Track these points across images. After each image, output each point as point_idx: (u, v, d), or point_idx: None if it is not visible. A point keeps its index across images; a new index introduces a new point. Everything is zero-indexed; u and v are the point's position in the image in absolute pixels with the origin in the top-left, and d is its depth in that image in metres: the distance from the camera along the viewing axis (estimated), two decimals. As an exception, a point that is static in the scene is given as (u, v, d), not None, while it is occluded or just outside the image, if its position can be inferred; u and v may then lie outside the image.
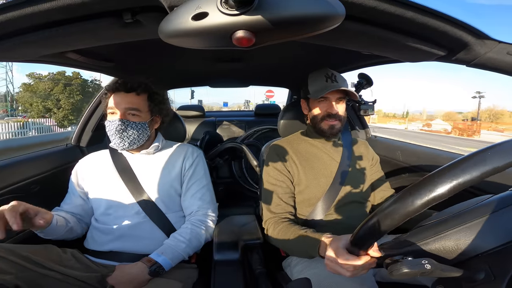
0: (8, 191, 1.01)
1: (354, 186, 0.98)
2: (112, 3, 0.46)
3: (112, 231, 0.93)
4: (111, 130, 0.93)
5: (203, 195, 1.03)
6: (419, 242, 0.49)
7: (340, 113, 0.99)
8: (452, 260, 0.48)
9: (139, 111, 0.96)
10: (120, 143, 0.94)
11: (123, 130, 0.93)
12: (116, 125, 0.91)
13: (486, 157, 0.36)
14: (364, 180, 1.01)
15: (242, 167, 2.00)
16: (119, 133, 0.92)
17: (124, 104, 0.93)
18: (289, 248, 0.89)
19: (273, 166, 1.00)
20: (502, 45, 0.53)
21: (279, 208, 0.96)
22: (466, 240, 0.46)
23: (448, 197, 0.37)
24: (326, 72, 1.00)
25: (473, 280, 0.45)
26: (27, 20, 0.47)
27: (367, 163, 1.05)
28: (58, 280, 0.75)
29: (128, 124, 0.93)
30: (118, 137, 0.93)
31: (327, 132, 0.99)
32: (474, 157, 0.37)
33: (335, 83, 0.96)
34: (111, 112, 0.95)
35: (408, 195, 0.40)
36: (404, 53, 0.64)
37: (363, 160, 1.05)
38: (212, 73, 1.70)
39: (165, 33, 0.40)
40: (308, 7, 0.34)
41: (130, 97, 0.95)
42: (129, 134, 0.94)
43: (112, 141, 0.95)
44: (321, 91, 0.95)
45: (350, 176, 0.99)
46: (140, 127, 0.96)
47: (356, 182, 0.99)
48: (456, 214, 0.50)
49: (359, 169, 1.02)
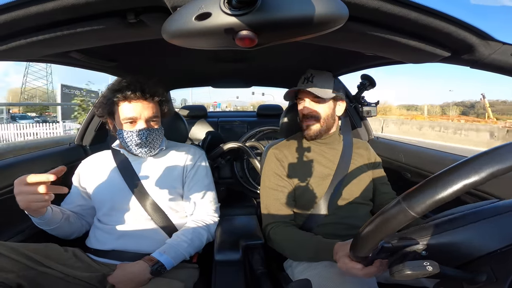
0: (10, 190, 1.02)
1: (353, 187, 0.98)
2: (115, 3, 0.46)
3: (115, 231, 0.93)
4: (133, 139, 0.92)
5: (205, 195, 1.03)
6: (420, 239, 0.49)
7: (318, 113, 0.98)
8: (454, 262, 0.47)
9: (158, 117, 0.98)
10: (144, 150, 0.96)
11: (152, 139, 0.95)
12: (143, 134, 0.92)
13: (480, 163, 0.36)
14: (364, 181, 1.00)
15: (244, 168, 2.00)
16: (145, 141, 0.93)
17: (147, 113, 0.93)
18: (292, 252, 0.89)
19: (272, 171, 1.00)
20: (507, 46, 0.52)
21: (280, 213, 0.96)
22: (468, 241, 0.46)
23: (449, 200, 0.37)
24: (306, 73, 1.02)
25: (475, 282, 0.45)
26: (31, 20, 0.47)
27: (367, 164, 1.04)
28: (60, 278, 0.75)
29: (153, 131, 0.95)
30: (144, 145, 0.94)
31: (307, 134, 1.00)
32: (473, 161, 0.37)
33: (309, 84, 0.98)
34: (129, 122, 0.92)
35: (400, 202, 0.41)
36: (408, 54, 0.64)
37: (363, 161, 1.04)
38: (214, 73, 1.70)
39: (168, 33, 0.40)
40: (311, 8, 0.34)
41: (150, 105, 0.95)
42: (154, 140, 0.96)
43: (132, 149, 0.95)
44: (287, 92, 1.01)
45: (349, 177, 0.98)
46: (161, 133, 0.99)
47: (356, 183, 0.98)
48: (459, 215, 0.50)
49: (359, 170, 1.01)
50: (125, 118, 0.92)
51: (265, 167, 1.05)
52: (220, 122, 2.41)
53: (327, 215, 0.93)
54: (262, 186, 1.03)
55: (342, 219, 0.94)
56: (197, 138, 2.31)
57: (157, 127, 0.97)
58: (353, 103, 1.54)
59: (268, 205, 0.98)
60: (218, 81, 2.11)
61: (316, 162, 1.00)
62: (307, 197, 0.96)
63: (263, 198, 1.01)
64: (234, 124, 2.42)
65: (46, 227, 0.87)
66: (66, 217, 0.93)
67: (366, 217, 0.96)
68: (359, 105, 1.51)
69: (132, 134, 0.92)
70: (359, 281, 0.69)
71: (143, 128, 0.92)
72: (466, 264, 0.47)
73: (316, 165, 0.99)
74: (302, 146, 1.04)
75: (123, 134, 0.93)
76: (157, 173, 1.00)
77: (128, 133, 0.92)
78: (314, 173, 0.98)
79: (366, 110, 1.57)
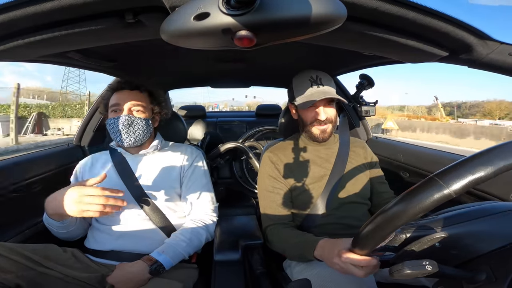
0: (9, 190, 1.01)
1: (350, 186, 0.98)
2: (114, 3, 0.46)
3: (113, 231, 0.93)
4: (116, 126, 0.94)
5: (203, 195, 1.03)
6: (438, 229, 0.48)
7: (330, 116, 0.97)
8: (454, 261, 0.48)
9: (144, 107, 0.98)
10: (126, 139, 0.95)
11: (129, 125, 0.94)
12: (123, 120, 0.93)
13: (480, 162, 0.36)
14: (361, 180, 1.00)
15: (243, 168, 2.00)
16: (126, 128, 0.94)
17: (129, 100, 0.96)
18: (288, 253, 0.89)
19: (267, 174, 1.01)
20: (504, 46, 0.52)
21: (277, 215, 0.96)
22: (467, 239, 0.46)
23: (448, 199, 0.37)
24: (310, 75, 0.97)
25: (474, 281, 0.45)
26: (29, 20, 0.47)
27: (364, 164, 1.04)
28: (59, 279, 0.75)
29: (134, 119, 0.95)
30: (125, 133, 0.94)
31: (319, 137, 0.98)
32: (470, 162, 0.37)
33: (321, 87, 0.94)
34: (114, 110, 0.96)
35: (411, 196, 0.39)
36: (406, 54, 0.64)
37: (360, 160, 1.04)
38: (213, 73, 1.70)
39: (167, 33, 0.40)
40: (310, 8, 0.34)
41: (135, 94, 0.99)
42: (135, 129, 0.95)
43: (117, 138, 0.96)
44: (308, 101, 0.92)
45: (346, 177, 0.98)
46: (145, 123, 0.98)
47: (353, 183, 0.99)
48: (459, 212, 0.50)
49: (356, 169, 1.01)
50: (110, 106, 0.97)
51: (260, 170, 1.05)
52: (219, 122, 2.41)
53: (324, 215, 0.93)
54: (259, 188, 1.04)
55: (340, 219, 0.94)
56: (196, 138, 2.30)
57: (141, 117, 0.97)
58: (352, 103, 1.54)
59: (266, 207, 0.98)
60: (217, 81, 2.11)
61: (312, 163, 1.00)
62: (303, 197, 0.96)
63: (261, 201, 1.02)
64: (233, 124, 2.41)
65: (64, 230, 0.88)
66: (80, 219, 0.94)
67: (364, 216, 0.96)
68: (357, 104, 1.51)
69: (114, 121, 0.94)
70: (358, 281, 0.69)
71: (124, 114, 0.94)
72: (465, 263, 0.47)
73: (312, 165, 0.99)
74: (298, 147, 1.04)
75: (108, 122, 0.96)
76: (154, 173, 1.00)
77: (112, 120, 0.95)
78: (310, 174, 0.98)
79: (364, 109, 1.57)
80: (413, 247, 0.47)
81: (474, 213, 0.49)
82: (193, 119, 2.44)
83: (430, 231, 0.47)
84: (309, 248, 0.77)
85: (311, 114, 0.97)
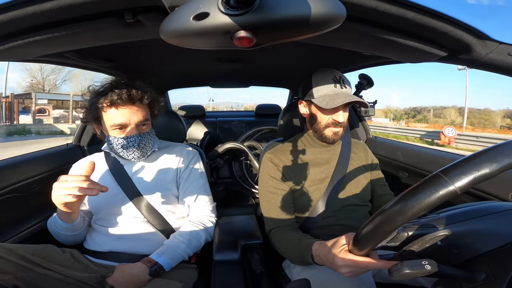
0: (8, 190, 1.01)
1: (351, 188, 0.97)
2: (113, 3, 0.46)
3: (112, 233, 0.93)
4: (125, 145, 0.90)
5: (201, 196, 1.02)
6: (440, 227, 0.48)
7: (345, 120, 0.95)
8: (453, 260, 0.48)
9: (149, 120, 0.95)
10: (141, 156, 0.95)
11: (144, 144, 0.93)
12: (138, 141, 0.90)
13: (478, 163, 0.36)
14: (362, 182, 1.00)
15: (242, 168, 2.00)
16: (141, 148, 0.92)
17: (137, 118, 0.89)
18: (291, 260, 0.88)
19: (269, 175, 0.99)
20: (503, 46, 0.53)
21: (280, 218, 0.94)
22: (468, 238, 0.46)
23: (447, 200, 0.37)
24: (333, 74, 0.92)
25: (473, 281, 0.45)
26: (28, 20, 0.47)
27: (365, 166, 1.04)
28: (58, 280, 0.75)
29: (144, 136, 0.92)
30: (139, 152, 0.93)
31: (331, 138, 0.95)
32: (474, 158, 0.37)
33: (344, 89, 0.91)
34: (119, 128, 0.88)
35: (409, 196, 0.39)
36: (405, 54, 0.64)
37: (361, 163, 1.03)
38: (213, 73, 1.69)
39: (166, 33, 0.40)
40: (309, 7, 0.34)
41: (140, 109, 0.91)
42: (146, 146, 0.94)
43: (128, 155, 0.93)
44: (332, 100, 0.87)
45: (347, 178, 0.98)
46: (151, 135, 0.96)
47: (354, 185, 0.98)
48: (461, 211, 0.50)
49: (357, 171, 1.01)
50: (113, 124, 0.87)
51: (261, 171, 1.03)
52: (219, 122, 2.41)
53: (325, 217, 0.93)
54: (261, 190, 1.02)
55: (340, 220, 0.93)
56: (195, 138, 2.30)
57: (148, 131, 0.94)
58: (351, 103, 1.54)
59: (269, 210, 0.96)
60: (217, 81, 2.11)
61: (313, 165, 0.99)
62: (304, 199, 0.96)
63: (263, 203, 1.00)
64: (232, 124, 2.41)
65: (72, 233, 0.88)
66: (87, 223, 0.94)
67: (364, 218, 0.96)
68: (357, 105, 1.51)
69: (122, 141, 0.89)
70: (357, 281, 0.69)
71: (134, 134, 0.89)
72: (464, 263, 0.47)
73: (314, 168, 0.98)
74: (300, 149, 1.02)
75: (112, 141, 0.90)
76: (150, 175, 0.98)
77: (119, 139, 0.89)
78: (311, 176, 0.97)
79: (364, 110, 1.58)
80: (415, 245, 0.47)
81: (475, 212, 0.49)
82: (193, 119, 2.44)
83: (432, 229, 0.47)
84: (305, 254, 0.75)
85: (329, 115, 0.92)
